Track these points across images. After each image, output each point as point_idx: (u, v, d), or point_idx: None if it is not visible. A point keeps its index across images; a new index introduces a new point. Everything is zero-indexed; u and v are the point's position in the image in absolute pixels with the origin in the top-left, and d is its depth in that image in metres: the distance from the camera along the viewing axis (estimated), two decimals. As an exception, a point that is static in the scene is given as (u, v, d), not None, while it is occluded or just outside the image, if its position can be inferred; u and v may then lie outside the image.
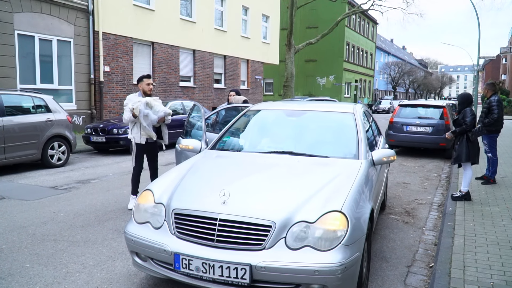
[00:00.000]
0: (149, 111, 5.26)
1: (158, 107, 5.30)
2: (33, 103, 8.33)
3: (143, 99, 5.21)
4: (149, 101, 5.22)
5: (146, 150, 5.54)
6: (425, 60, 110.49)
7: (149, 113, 5.25)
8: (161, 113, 5.33)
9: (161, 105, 5.37)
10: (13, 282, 3.35)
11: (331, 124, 4.38)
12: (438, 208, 5.97)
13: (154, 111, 5.29)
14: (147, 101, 5.20)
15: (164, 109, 5.39)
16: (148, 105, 5.23)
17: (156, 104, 5.29)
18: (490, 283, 3.25)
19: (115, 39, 14.73)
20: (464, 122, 5.87)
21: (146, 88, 5.37)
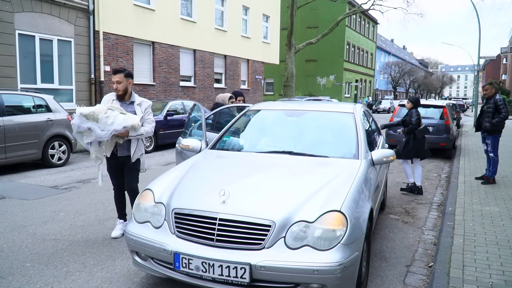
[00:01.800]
0: (93, 125, 3.89)
1: (111, 118, 3.90)
2: (34, 102, 8.35)
3: (85, 109, 3.87)
4: (89, 113, 3.86)
5: (118, 165, 4.36)
6: (426, 60, 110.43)
7: (93, 128, 3.88)
8: (119, 126, 3.91)
9: (118, 116, 3.96)
10: (13, 281, 3.36)
11: (331, 124, 4.39)
12: (438, 208, 5.98)
13: (102, 125, 3.89)
14: (83, 112, 3.85)
15: (125, 121, 3.95)
16: (89, 117, 3.87)
17: (105, 116, 3.89)
18: (489, 283, 3.26)
19: (115, 39, 14.74)
20: (410, 122, 6.78)
21: (115, 87, 4.18)
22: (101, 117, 3.86)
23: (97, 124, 3.87)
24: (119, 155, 4.25)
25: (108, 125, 3.87)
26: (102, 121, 3.86)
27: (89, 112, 3.86)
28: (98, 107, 3.95)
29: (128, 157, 4.25)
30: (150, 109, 4.32)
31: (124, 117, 3.95)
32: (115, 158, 4.27)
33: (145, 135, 4.21)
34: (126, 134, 4.04)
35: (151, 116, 4.30)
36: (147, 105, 4.30)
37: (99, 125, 3.88)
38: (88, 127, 3.89)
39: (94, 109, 3.89)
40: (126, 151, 4.24)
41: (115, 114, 3.92)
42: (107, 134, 3.90)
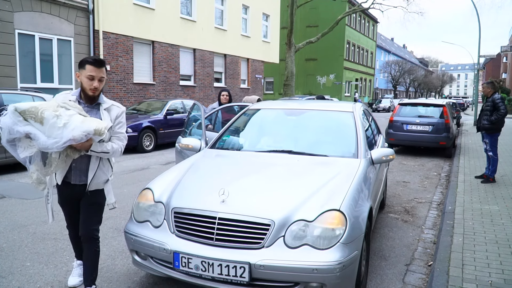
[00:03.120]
0: (34, 128, 2.52)
1: (64, 119, 2.55)
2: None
3: (23, 104, 2.54)
4: (28, 108, 2.52)
5: (73, 198, 2.96)
6: (426, 59, 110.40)
7: (35, 134, 2.52)
8: (77, 131, 2.54)
9: (75, 116, 2.60)
10: (13, 280, 3.37)
11: (331, 123, 4.39)
12: (438, 207, 5.99)
13: (50, 128, 2.53)
14: (19, 108, 2.50)
15: (85, 124, 2.58)
16: (29, 115, 2.51)
17: (55, 115, 2.54)
18: (489, 282, 3.26)
19: (115, 38, 14.73)
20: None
21: (85, 84, 2.78)
22: (48, 117, 2.48)
23: (41, 127, 2.48)
24: (74, 182, 2.85)
25: (59, 128, 2.48)
26: (49, 123, 2.48)
27: (29, 107, 2.48)
28: (43, 101, 2.66)
29: (84, 187, 2.87)
30: (123, 118, 2.93)
31: (83, 119, 2.59)
32: (68, 186, 2.88)
33: (111, 155, 2.82)
34: (88, 145, 2.64)
35: (123, 130, 2.92)
36: (119, 112, 2.90)
37: (45, 129, 2.49)
38: (26, 132, 2.48)
39: (37, 104, 2.54)
40: (84, 176, 2.85)
41: (70, 114, 2.56)
42: (58, 143, 2.47)
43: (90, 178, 2.85)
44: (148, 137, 11.01)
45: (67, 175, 2.84)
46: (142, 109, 12.41)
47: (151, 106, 12.50)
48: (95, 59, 2.75)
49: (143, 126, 10.84)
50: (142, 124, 10.85)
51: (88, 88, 2.77)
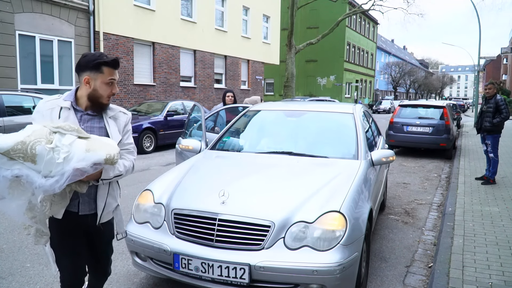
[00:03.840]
0: (25, 169, 1.90)
1: (64, 151, 1.92)
2: (34, 103, 8.35)
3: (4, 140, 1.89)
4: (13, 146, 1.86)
5: (75, 232, 2.26)
6: (426, 60, 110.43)
7: (27, 175, 1.89)
8: (83, 163, 1.94)
9: (77, 143, 1.97)
10: (13, 281, 3.36)
11: (331, 124, 4.39)
12: (438, 209, 5.98)
13: (47, 165, 1.91)
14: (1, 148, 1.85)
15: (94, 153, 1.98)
16: (16, 155, 1.87)
17: (49, 148, 1.90)
18: (489, 283, 3.26)
19: (115, 40, 14.75)
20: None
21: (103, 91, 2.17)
22: (42, 152, 1.86)
23: (34, 166, 1.88)
24: (83, 212, 2.20)
25: (58, 164, 1.89)
26: (44, 160, 1.87)
27: (14, 144, 1.85)
28: (30, 131, 1.93)
29: (94, 217, 2.25)
30: (130, 125, 2.37)
31: (87, 144, 1.96)
32: (73, 218, 2.19)
33: (124, 175, 2.24)
34: (98, 175, 2.06)
35: (131, 140, 2.35)
36: (126, 120, 2.32)
37: (40, 168, 1.88)
38: (14, 176, 1.86)
39: (23, 137, 1.89)
40: (93, 203, 2.23)
41: (69, 141, 1.92)
42: (60, 183, 1.88)
43: (100, 208, 2.23)
44: (148, 138, 11.01)
45: (71, 204, 2.13)
46: (143, 110, 12.42)
47: (151, 107, 12.51)
48: (114, 59, 2.14)
49: (144, 127, 10.84)
50: (143, 125, 10.86)
51: (106, 96, 2.16)
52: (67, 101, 2.15)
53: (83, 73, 2.13)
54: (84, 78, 2.12)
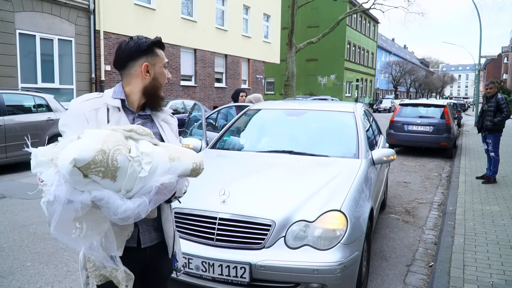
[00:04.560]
0: (104, 191, 1.32)
1: (146, 161, 1.40)
2: (34, 102, 8.35)
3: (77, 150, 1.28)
4: (94, 157, 1.28)
5: (138, 270, 1.69)
6: (427, 59, 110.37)
7: (108, 199, 1.32)
8: (167, 177, 1.43)
9: (157, 151, 1.45)
10: (14, 280, 3.36)
11: (331, 123, 4.39)
12: (439, 208, 5.98)
13: (129, 182, 1.36)
14: (79, 159, 1.26)
15: (177, 162, 1.48)
16: (95, 168, 1.29)
17: (130, 158, 1.36)
18: (490, 282, 3.26)
19: (116, 39, 14.74)
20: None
21: (162, 79, 1.77)
22: (124, 164, 1.34)
23: (113, 185, 1.35)
24: (145, 245, 1.71)
25: (140, 180, 1.39)
26: (126, 175, 1.36)
27: (95, 154, 1.29)
28: (103, 135, 1.37)
29: (159, 246, 1.76)
30: None
31: (167, 153, 1.50)
32: (134, 254, 1.67)
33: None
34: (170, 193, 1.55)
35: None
36: (176, 124, 1.89)
37: (119, 186, 1.36)
38: (96, 199, 1.32)
39: (100, 143, 1.33)
40: (153, 231, 1.74)
41: (149, 149, 1.45)
42: (145, 206, 1.40)
43: (171, 236, 1.77)
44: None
45: (132, 236, 1.60)
46: (143, 109, 12.40)
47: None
48: (160, 39, 1.81)
49: (144, 126, 10.82)
50: (143, 124, 10.84)
51: (164, 84, 1.78)
52: (116, 99, 1.64)
53: (136, 60, 1.67)
54: (144, 66, 1.67)
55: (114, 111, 1.63)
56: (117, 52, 1.71)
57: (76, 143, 1.34)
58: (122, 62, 1.69)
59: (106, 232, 1.42)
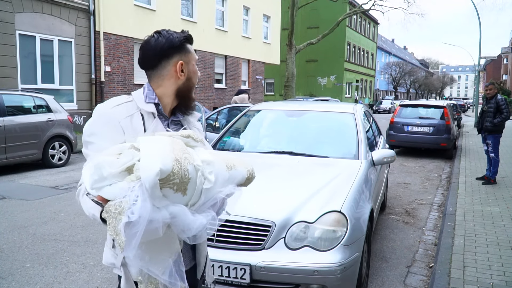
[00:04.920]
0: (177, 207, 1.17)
1: (209, 171, 1.27)
2: (34, 103, 8.35)
3: (165, 159, 1.13)
4: (172, 167, 1.14)
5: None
6: (426, 60, 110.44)
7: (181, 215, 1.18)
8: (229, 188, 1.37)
9: (219, 159, 1.34)
10: (13, 281, 3.36)
11: (331, 124, 4.38)
12: (439, 209, 5.97)
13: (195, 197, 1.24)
14: (165, 169, 1.11)
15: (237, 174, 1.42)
16: (172, 181, 1.14)
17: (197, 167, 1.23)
18: (490, 284, 3.25)
19: (116, 39, 14.74)
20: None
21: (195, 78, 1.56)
22: (193, 175, 1.21)
23: (182, 199, 1.20)
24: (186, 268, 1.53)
25: (205, 191, 1.26)
26: (196, 187, 1.23)
27: (173, 163, 1.14)
28: (167, 142, 1.21)
29: (194, 271, 1.63)
30: None
31: (220, 159, 1.36)
32: None
33: None
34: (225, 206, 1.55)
35: None
36: (201, 127, 1.76)
37: (188, 200, 1.22)
38: (173, 217, 1.16)
39: (172, 152, 1.18)
40: (190, 250, 1.62)
41: (209, 158, 1.31)
42: (213, 221, 1.32)
43: (204, 252, 1.65)
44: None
45: None
46: (143, 110, 12.40)
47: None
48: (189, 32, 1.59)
49: (144, 127, 10.82)
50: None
51: (195, 84, 1.58)
52: (150, 103, 1.46)
53: (170, 59, 1.46)
54: (179, 64, 1.47)
55: (149, 118, 1.45)
56: (145, 50, 1.48)
57: (151, 151, 1.15)
58: (152, 61, 1.47)
59: (179, 253, 1.29)
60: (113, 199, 1.12)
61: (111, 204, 1.11)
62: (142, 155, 1.14)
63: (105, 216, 1.12)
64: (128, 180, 1.13)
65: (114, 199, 1.11)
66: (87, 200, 1.21)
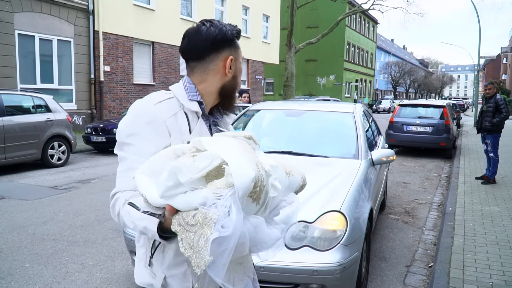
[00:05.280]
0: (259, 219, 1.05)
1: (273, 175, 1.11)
2: (33, 103, 8.34)
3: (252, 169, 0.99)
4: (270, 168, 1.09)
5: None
6: (426, 60, 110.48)
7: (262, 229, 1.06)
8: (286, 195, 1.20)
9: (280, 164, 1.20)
10: (12, 281, 3.35)
11: (331, 124, 4.38)
12: (438, 208, 5.97)
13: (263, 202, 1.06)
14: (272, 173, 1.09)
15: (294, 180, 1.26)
16: (258, 188, 1.01)
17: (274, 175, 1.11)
18: (489, 283, 3.25)
19: (115, 39, 14.73)
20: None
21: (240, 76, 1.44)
22: (266, 180, 1.06)
23: (255, 209, 1.05)
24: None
25: (270, 201, 1.11)
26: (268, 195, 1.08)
27: (256, 172, 1.01)
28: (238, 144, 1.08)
29: None
30: None
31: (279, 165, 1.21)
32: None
33: None
34: None
35: None
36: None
37: (258, 210, 1.06)
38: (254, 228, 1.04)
39: (250, 155, 1.06)
40: None
41: (273, 162, 1.18)
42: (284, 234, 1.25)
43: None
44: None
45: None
46: (142, 110, 12.39)
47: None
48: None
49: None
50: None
51: (240, 84, 1.47)
52: (193, 101, 1.32)
53: (220, 52, 1.32)
54: (229, 59, 1.34)
55: (193, 117, 1.30)
56: (193, 39, 1.32)
57: (235, 154, 1.01)
58: (200, 52, 1.31)
59: (254, 271, 1.14)
60: (185, 209, 0.96)
61: (187, 216, 0.94)
62: (229, 159, 0.98)
63: (177, 229, 0.95)
64: (212, 187, 0.95)
65: (187, 209, 0.95)
66: (132, 210, 1.09)
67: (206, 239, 0.89)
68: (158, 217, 1.05)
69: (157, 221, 1.06)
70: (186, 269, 1.21)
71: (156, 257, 1.25)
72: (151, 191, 1.02)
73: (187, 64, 1.36)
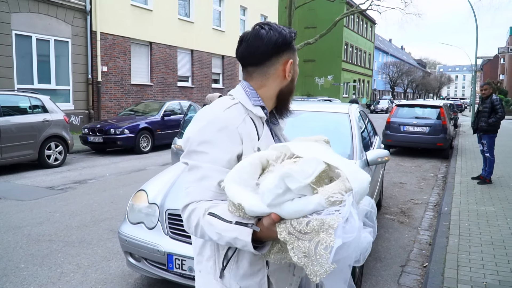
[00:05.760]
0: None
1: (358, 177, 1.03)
2: (30, 103, 8.33)
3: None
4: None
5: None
6: (424, 60, 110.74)
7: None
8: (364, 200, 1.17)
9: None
10: (7, 282, 3.35)
11: (326, 124, 4.39)
12: (434, 208, 5.99)
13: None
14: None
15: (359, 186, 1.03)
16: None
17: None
18: (483, 283, 3.26)
19: (113, 39, 14.72)
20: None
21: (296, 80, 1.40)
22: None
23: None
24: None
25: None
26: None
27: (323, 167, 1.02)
28: (330, 152, 1.13)
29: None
30: None
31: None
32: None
33: None
34: None
35: None
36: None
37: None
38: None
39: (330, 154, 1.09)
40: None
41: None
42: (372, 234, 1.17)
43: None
44: (145, 138, 10.99)
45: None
46: (140, 110, 12.40)
47: (148, 107, 12.50)
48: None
49: (140, 127, 10.82)
50: (139, 125, 10.84)
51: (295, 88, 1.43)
52: (257, 106, 1.30)
53: (280, 56, 1.30)
54: (289, 63, 1.31)
55: (259, 123, 1.29)
56: (253, 43, 1.27)
57: (343, 160, 0.99)
58: (261, 57, 1.27)
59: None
60: (293, 216, 0.93)
61: (298, 223, 0.91)
62: (336, 164, 0.97)
63: (286, 238, 0.92)
64: (324, 193, 0.92)
65: (296, 217, 0.92)
66: (215, 221, 1.07)
67: (325, 246, 0.87)
68: (251, 227, 1.02)
69: (251, 231, 1.03)
70: (261, 278, 1.20)
71: (229, 268, 1.21)
72: (250, 200, 0.98)
73: (244, 68, 1.33)
